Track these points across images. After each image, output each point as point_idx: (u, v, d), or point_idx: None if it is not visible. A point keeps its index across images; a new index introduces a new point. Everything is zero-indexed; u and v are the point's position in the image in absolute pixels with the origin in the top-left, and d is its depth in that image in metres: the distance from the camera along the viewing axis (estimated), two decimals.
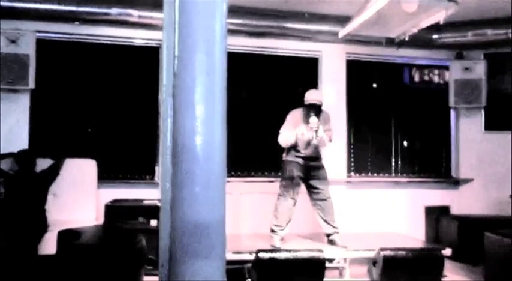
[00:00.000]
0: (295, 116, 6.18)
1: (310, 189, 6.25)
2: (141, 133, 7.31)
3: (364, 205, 7.74)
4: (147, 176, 7.27)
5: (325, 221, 6.19)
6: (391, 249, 5.40)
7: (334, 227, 6.20)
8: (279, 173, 7.01)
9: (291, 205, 6.16)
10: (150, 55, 7.20)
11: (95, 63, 7.20)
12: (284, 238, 6.20)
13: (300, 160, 6.17)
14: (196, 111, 2.13)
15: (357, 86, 8.06)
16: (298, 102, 7.80)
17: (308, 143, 6.11)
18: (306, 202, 6.33)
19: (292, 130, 6.09)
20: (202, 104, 2.14)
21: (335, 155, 7.75)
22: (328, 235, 6.23)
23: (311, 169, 6.21)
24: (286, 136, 6.11)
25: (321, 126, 6.00)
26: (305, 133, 6.04)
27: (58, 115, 7.02)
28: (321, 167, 6.31)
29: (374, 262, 5.41)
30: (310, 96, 6.17)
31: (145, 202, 6.53)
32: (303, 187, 6.30)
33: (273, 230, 6.16)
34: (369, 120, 8.16)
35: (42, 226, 5.57)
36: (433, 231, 7.96)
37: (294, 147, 6.18)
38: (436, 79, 8.46)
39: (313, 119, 5.94)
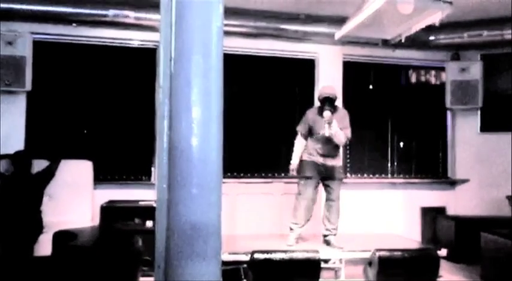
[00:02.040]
0: (309, 114, 6.31)
1: (324, 187, 6.34)
2: (137, 134, 7.31)
3: (361, 206, 7.74)
4: (143, 177, 7.27)
5: (328, 220, 6.25)
6: (386, 250, 5.41)
7: (333, 228, 6.22)
8: (276, 174, 7.02)
9: (310, 205, 6.22)
10: (147, 56, 7.20)
11: (91, 64, 7.20)
12: (301, 237, 6.27)
13: (317, 159, 6.21)
14: (192, 113, 2.13)
15: (354, 88, 8.07)
16: (295, 104, 7.87)
17: (328, 140, 6.15)
18: None
19: (302, 141, 6.35)
20: (199, 105, 2.14)
21: None
22: (325, 236, 6.24)
23: (327, 169, 6.25)
24: (295, 146, 6.37)
25: (335, 121, 6.02)
26: (320, 128, 6.10)
27: (54, 117, 7.01)
28: (337, 167, 6.35)
29: (370, 263, 5.42)
30: (323, 90, 6.30)
31: (141, 203, 6.53)
32: None
33: (290, 228, 6.23)
34: (365, 122, 8.16)
35: (38, 227, 5.57)
36: (430, 232, 7.98)
37: (312, 145, 6.25)
38: (432, 80, 8.48)
39: (326, 112, 5.98)
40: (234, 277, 5.38)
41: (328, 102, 6.08)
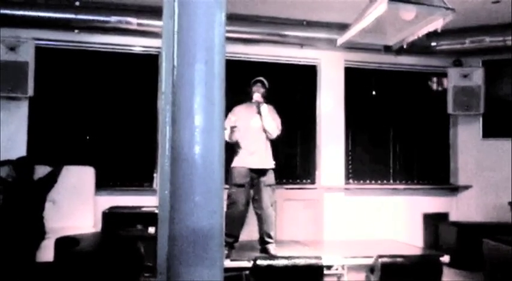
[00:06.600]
0: (236, 109, 6.19)
1: (253, 194, 6.14)
2: (139, 140, 7.30)
3: (362, 212, 7.74)
4: (145, 184, 7.27)
5: (262, 230, 6.10)
6: (389, 256, 5.40)
7: (269, 237, 6.10)
8: (277, 181, 6.99)
9: (244, 214, 6.08)
10: (149, 63, 7.21)
11: (93, 70, 7.21)
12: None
13: (248, 162, 6.03)
14: (195, 120, 2.14)
15: (356, 93, 8.07)
16: (297, 110, 7.87)
17: (258, 132, 6.09)
18: (302, 208, 6.33)
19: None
20: (201, 113, 2.15)
21: (333, 162, 7.76)
22: (263, 245, 6.17)
23: (257, 172, 6.09)
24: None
25: (266, 106, 6.07)
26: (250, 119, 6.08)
27: (56, 123, 7.02)
28: (268, 170, 6.16)
29: (372, 269, 5.41)
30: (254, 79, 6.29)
31: (143, 209, 6.52)
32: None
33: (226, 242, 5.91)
34: (367, 128, 8.17)
35: (40, 233, 5.57)
36: (432, 238, 7.96)
37: (241, 144, 6.09)
38: (434, 86, 8.48)
39: (256, 94, 6.10)
40: None
41: (258, 84, 6.17)
